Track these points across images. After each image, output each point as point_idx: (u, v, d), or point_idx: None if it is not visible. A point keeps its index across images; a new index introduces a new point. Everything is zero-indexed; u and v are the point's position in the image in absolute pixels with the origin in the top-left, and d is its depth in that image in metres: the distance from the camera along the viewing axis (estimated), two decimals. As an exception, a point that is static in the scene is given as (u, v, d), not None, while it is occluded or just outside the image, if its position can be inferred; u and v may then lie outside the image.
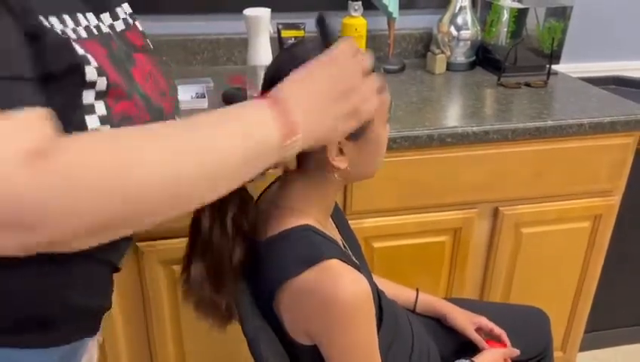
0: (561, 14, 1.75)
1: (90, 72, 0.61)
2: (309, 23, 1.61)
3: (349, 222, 1.10)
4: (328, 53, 0.65)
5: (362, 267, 0.91)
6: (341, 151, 0.82)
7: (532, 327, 1.30)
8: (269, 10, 1.40)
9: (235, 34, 1.77)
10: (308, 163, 0.84)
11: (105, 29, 0.72)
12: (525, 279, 1.63)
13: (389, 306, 1.04)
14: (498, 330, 1.20)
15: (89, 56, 0.62)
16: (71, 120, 0.60)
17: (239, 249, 0.85)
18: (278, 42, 1.54)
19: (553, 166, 1.49)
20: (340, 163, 0.82)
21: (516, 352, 1.19)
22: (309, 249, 0.82)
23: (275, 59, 0.84)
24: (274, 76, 0.78)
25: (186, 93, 1.49)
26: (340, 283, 0.79)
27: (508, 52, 1.72)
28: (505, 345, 1.19)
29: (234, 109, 0.59)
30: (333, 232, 0.95)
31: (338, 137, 0.68)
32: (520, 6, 1.73)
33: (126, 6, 0.82)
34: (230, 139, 0.55)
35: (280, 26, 1.56)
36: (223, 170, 0.55)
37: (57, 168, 0.46)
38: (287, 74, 0.65)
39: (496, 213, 1.52)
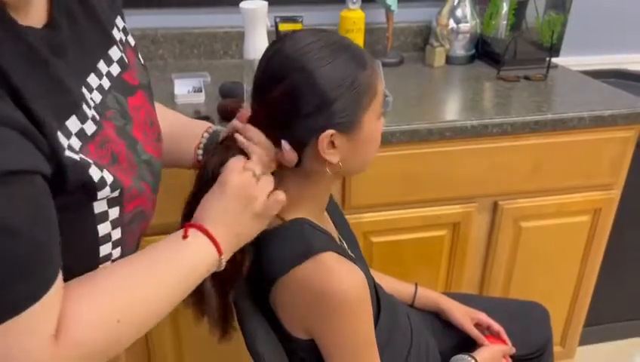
0: (561, 7, 1.74)
1: (104, 192, 0.63)
2: (307, 15, 1.60)
3: (348, 216, 1.10)
4: (220, 182, 0.77)
5: (359, 260, 0.91)
6: (333, 145, 0.81)
7: (532, 322, 1.30)
8: (266, 3, 1.39)
9: (232, 27, 1.75)
10: (302, 158, 0.83)
11: (106, 84, 0.71)
12: (525, 273, 1.63)
13: (387, 301, 1.03)
14: (496, 327, 1.19)
15: (105, 175, 0.63)
16: (83, 230, 0.64)
17: (248, 258, 0.85)
18: (275, 36, 1.53)
19: (553, 160, 1.48)
20: (332, 157, 0.81)
21: (514, 350, 1.18)
22: (304, 242, 0.81)
23: (266, 57, 0.82)
24: (262, 77, 0.80)
25: (183, 87, 1.48)
26: (335, 275, 0.78)
27: (507, 45, 1.70)
28: (504, 342, 1.19)
29: (179, 253, 0.73)
30: (328, 226, 0.94)
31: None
32: (520, -2, 1.72)
33: (119, 21, 0.79)
34: (185, 274, 0.73)
35: (277, 19, 1.54)
36: (182, 293, 0.73)
37: (71, 352, 0.59)
38: (275, 73, 0.78)
39: (495, 207, 1.51)
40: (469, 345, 1.18)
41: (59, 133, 0.58)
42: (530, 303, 1.34)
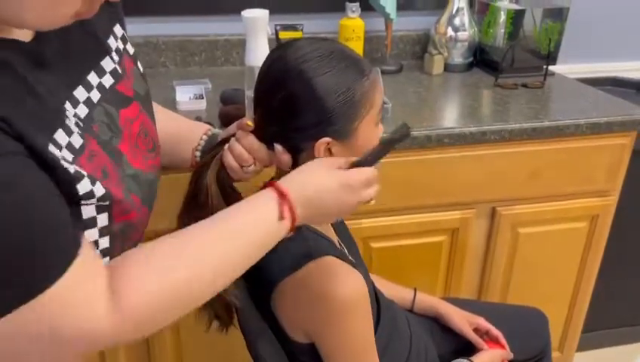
0: (558, 15, 1.76)
1: (90, 201, 0.63)
2: (307, 24, 1.62)
3: (347, 222, 1.11)
4: (346, 180, 0.74)
5: (359, 265, 0.91)
6: (330, 152, 0.82)
7: (530, 328, 1.30)
8: (267, 11, 1.41)
9: (233, 35, 1.77)
10: (300, 163, 0.85)
11: (95, 97, 0.70)
12: (523, 279, 1.64)
13: (387, 305, 1.04)
14: (495, 331, 1.20)
15: (96, 188, 0.62)
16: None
17: None
18: (276, 43, 1.55)
19: (550, 166, 1.50)
20: None
21: (512, 355, 1.19)
22: (304, 246, 0.82)
23: (267, 63, 0.84)
24: (262, 85, 0.82)
25: (184, 95, 1.49)
26: (336, 278, 0.79)
27: (505, 53, 1.72)
28: (503, 346, 1.20)
29: (262, 232, 0.70)
30: (328, 231, 0.95)
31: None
32: (517, 7, 1.74)
33: (118, 29, 0.79)
34: (257, 253, 0.70)
35: (278, 28, 1.56)
36: (247, 261, 0.69)
37: (127, 315, 0.60)
38: (276, 79, 0.79)
39: (493, 213, 1.53)
40: (467, 349, 1.19)
41: (50, 146, 0.58)
42: (528, 308, 1.35)
